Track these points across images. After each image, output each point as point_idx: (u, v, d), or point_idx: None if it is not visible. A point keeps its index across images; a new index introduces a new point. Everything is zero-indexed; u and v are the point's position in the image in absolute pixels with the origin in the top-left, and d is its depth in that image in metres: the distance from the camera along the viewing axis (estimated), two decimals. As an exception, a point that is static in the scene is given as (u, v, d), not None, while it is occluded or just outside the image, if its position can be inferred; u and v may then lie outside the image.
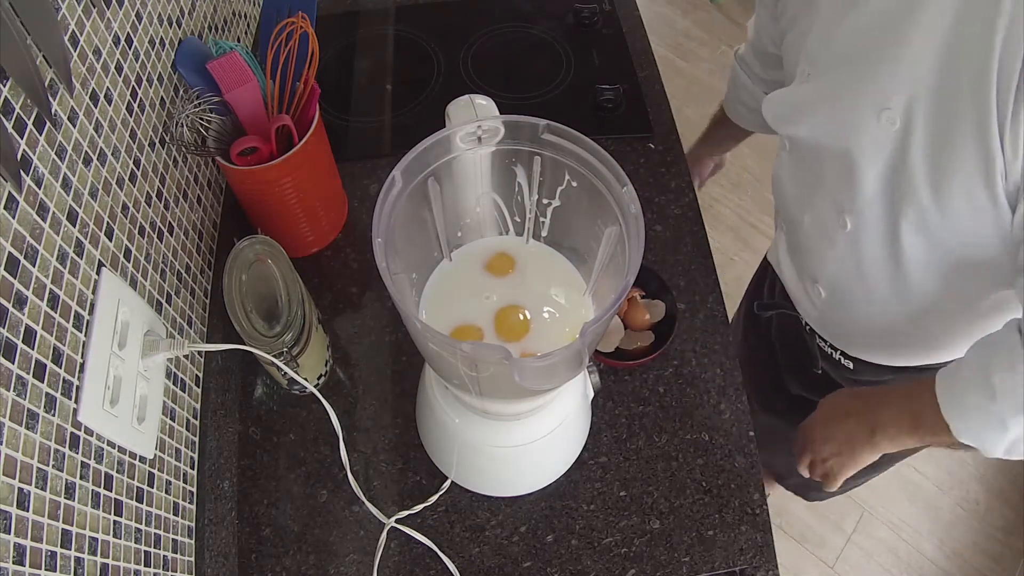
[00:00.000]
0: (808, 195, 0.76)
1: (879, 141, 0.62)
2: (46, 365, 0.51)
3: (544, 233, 0.63)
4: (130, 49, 0.69)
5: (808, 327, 0.91)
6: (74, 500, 0.53)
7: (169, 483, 0.69)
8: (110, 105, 0.64)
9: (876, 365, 0.85)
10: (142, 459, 0.64)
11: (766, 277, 1.04)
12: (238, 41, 1.02)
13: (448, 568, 0.71)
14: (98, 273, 0.60)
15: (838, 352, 0.88)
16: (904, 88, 0.59)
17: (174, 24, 0.79)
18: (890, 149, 0.62)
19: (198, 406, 0.79)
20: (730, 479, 0.76)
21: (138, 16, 0.70)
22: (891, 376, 0.85)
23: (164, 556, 0.66)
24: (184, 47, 0.79)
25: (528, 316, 0.60)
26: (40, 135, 0.53)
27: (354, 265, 0.90)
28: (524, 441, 0.68)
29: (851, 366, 0.88)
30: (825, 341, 0.90)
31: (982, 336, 0.63)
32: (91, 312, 0.58)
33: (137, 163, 0.69)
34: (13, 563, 0.45)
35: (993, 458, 0.61)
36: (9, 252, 0.48)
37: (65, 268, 0.55)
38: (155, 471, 0.66)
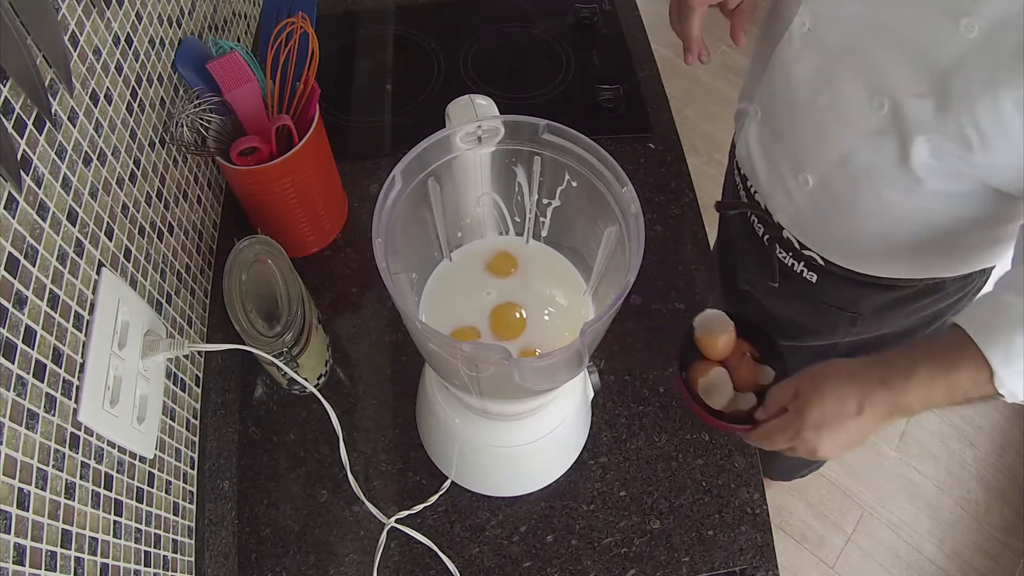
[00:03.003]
0: (831, 73, 0.70)
1: (950, 44, 0.58)
2: (46, 365, 0.51)
3: (544, 233, 0.63)
4: (130, 49, 0.69)
5: (766, 237, 0.87)
6: (74, 500, 0.53)
7: (169, 483, 0.69)
8: (110, 105, 0.64)
9: (844, 278, 0.81)
10: (142, 459, 0.64)
11: (729, 187, 0.98)
12: (238, 41, 1.02)
13: (448, 568, 0.71)
14: (98, 273, 0.60)
15: (801, 263, 0.85)
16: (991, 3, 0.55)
17: (174, 24, 0.79)
18: (956, 54, 0.58)
19: (198, 406, 0.79)
20: (730, 479, 0.76)
21: (138, 16, 0.70)
22: (853, 293, 0.82)
23: (164, 556, 0.66)
24: (184, 47, 0.79)
25: (524, 314, 0.60)
26: (40, 135, 0.53)
27: (354, 265, 0.90)
28: (524, 441, 0.68)
29: (814, 279, 0.84)
30: (788, 252, 0.86)
31: (993, 251, 0.64)
32: (91, 312, 0.58)
33: (137, 163, 0.69)
34: (13, 563, 0.45)
35: (994, 455, 0.61)
36: (9, 252, 0.48)
37: (65, 268, 0.55)
38: (155, 471, 0.66)
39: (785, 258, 0.87)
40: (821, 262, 0.82)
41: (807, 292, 0.87)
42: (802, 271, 0.85)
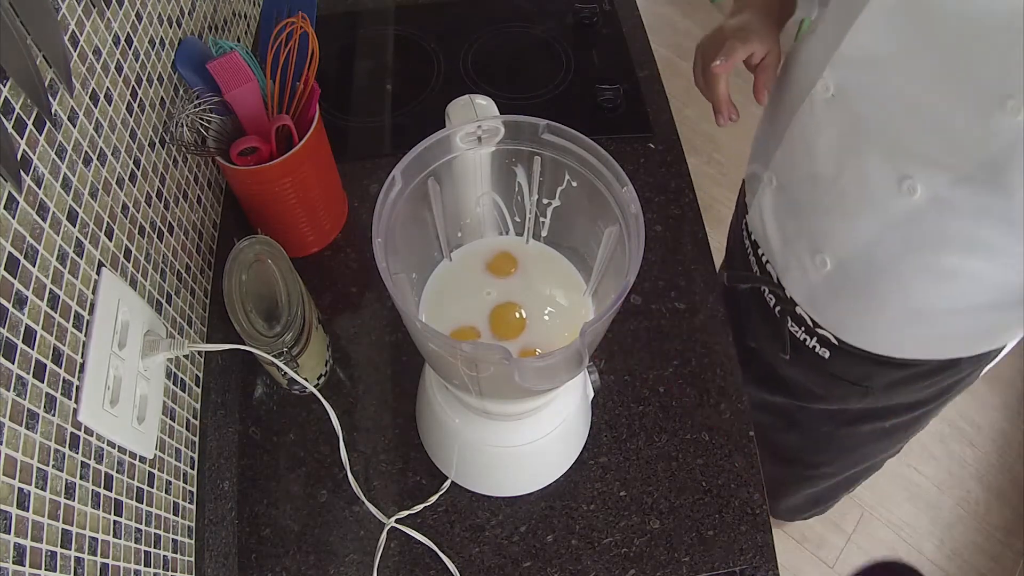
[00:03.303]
0: (856, 149, 0.64)
1: (994, 128, 0.52)
2: (46, 365, 0.51)
3: (544, 233, 0.63)
4: (130, 49, 0.69)
5: (778, 309, 0.83)
6: (74, 500, 0.53)
7: (169, 483, 0.69)
8: (110, 105, 0.64)
9: (858, 355, 0.78)
10: (142, 459, 0.64)
11: (737, 248, 0.94)
12: (238, 41, 1.02)
13: (448, 568, 0.71)
14: (98, 273, 0.60)
15: (814, 339, 0.81)
16: None
17: (174, 24, 0.79)
18: (1003, 138, 0.52)
19: (198, 406, 0.79)
20: (730, 479, 0.76)
21: (138, 16, 0.70)
22: (866, 370, 0.78)
23: (164, 556, 0.66)
24: (184, 47, 0.79)
25: (524, 314, 0.60)
26: (40, 135, 0.53)
27: (354, 265, 0.90)
28: (524, 441, 0.68)
29: (827, 355, 0.80)
30: (800, 327, 0.81)
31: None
32: (91, 312, 0.58)
33: (137, 163, 0.69)
34: (13, 563, 0.45)
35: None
36: (9, 252, 0.48)
37: (65, 268, 0.55)
38: (155, 471, 0.66)
39: (797, 332, 0.83)
40: (835, 341, 0.79)
41: (818, 365, 0.83)
42: (814, 347, 0.82)
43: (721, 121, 0.76)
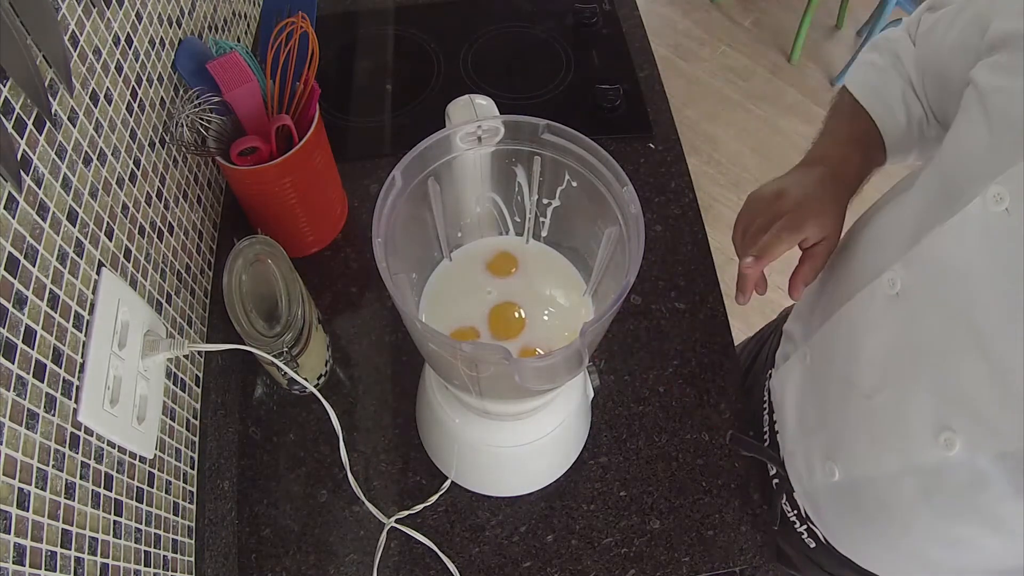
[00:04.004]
0: (902, 371, 0.55)
1: None
2: (46, 365, 0.51)
3: (544, 233, 0.63)
4: (130, 49, 0.69)
5: (775, 481, 0.75)
6: (74, 500, 0.53)
7: (169, 483, 0.69)
8: (110, 105, 0.64)
9: (845, 560, 0.69)
10: (142, 459, 0.64)
11: (754, 397, 0.82)
12: (238, 41, 1.02)
13: (448, 568, 0.71)
14: (98, 273, 0.60)
15: (803, 527, 0.73)
16: None
17: (174, 24, 0.79)
18: None
19: (198, 406, 0.79)
20: (730, 479, 0.76)
21: (138, 16, 0.70)
22: (852, 573, 0.70)
23: (164, 556, 0.66)
24: (184, 47, 0.79)
25: (523, 314, 0.60)
26: (40, 135, 0.53)
27: (354, 265, 0.90)
28: (524, 441, 0.68)
29: (813, 545, 0.73)
30: (792, 509, 0.74)
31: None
32: (91, 312, 0.58)
33: (137, 163, 0.69)
34: (13, 563, 0.45)
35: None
36: (9, 252, 0.48)
37: (65, 268, 0.55)
38: (155, 471, 0.66)
39: (788, 512, 0.75)
40: (824, 540, 0.71)
41: (803, 550, 0.76)
42: (803, 534, 0.74)
43: (741, 300, 0.67)
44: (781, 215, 0.63)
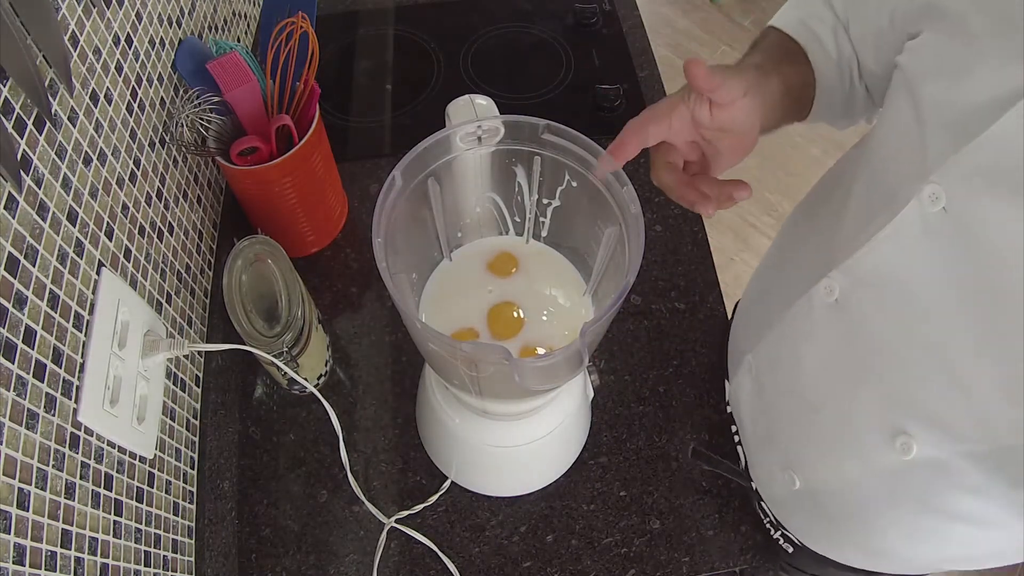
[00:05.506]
0: (849, 379, 0.53)
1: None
2: (46, 365, 0.51)
3: (544, 233, 0.63)
4: (130, 49, 0.69)
5: (755, 487, 0.72)
6: (74, 500, 0.53)
7: (169, 483, 0.69)
8: (110, 105, 0.64)
9: (822, 558, 0.68)
10: (142, 459, 0.64)
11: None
12: (238, 41, 1.02)
13: (448, 568, 0.71)
14: (98, 273, 0.60)
15: (778, 533, 0.71)
16: None
17: (174, 24, 0.79)
18: None
19: (198, 406, 0.79)
20: (730, 479, 0.76)
21: (138, 16, 0.70)
22: (833, 573, 0.69)
23: (164, 556, 0.66)
24: (184, 47, 0.79)
25: (521, 314, 0.60)
26: (40, 135, 0.53)
27: (354, 265, 0.90)
28: (524, 441, 0.68)
29: (790, 550, 0.71)
30: (765, 517, 0.72)
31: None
32: (91, 312, 0.58)
33: (137, 163, 0.69)
34: (13, 563, 0.45)
35: None
36: (9, 252, 0.48)
37: (65, 268, 0.55)
38: (155, 471, 0.66)
39: (763, 519, 0.73)
40: (798, 543, 0.69)
41: (782, 556, 0.74)
42: (778, 539, 0.72)
43: (710, 210, 0.53)
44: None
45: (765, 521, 0.72)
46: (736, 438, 0.78)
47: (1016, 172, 0.39)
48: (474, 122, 0.55)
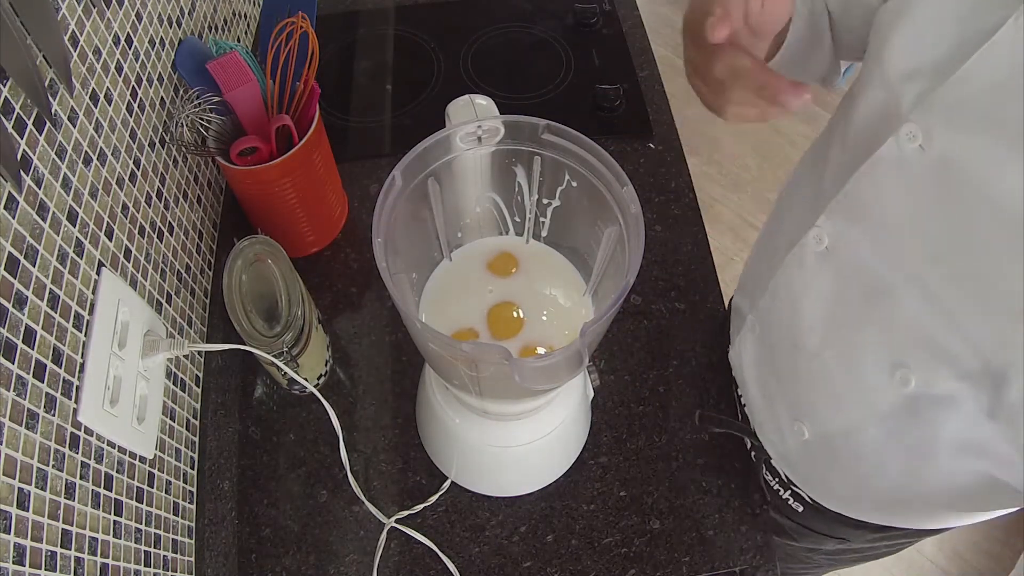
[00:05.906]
0: (845, 322, 0.56)
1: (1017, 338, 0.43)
2: (46, 365, 0.51)
3: (544, 233, 0.63)
4: (130, 49, 0.69)
5: (753, 454, 0.76)
6: (74, 500, 0.53)
7: (169, 483, 0.69)
8: (110, 105, 0.64)
9: (834, 515, 0.70)
10: (142, 459, 0.64)
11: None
12: (238, 41, 1.02)
13: (448, 568, 0.71)
14: (98, 273, 0.60)
15: (788, 492, 0.73)
16: None
17: (174, 24, 0.79)
18: None
19: (198, 406, 0.79)
20: (730, 479, 0.76)
21: (138, 16, 0.70)
22: (842, 530, 0.72)
23: (164, 556, 0.66)
24: (184, 47, 0.79)
25: (521, 314, 0.60)
26: (40, 135, 0.53)
27: (354, 265, 0.90)
28: (524, 441, 0.68)
29: (800, 509, 0.73)
30: (775, 478, 0.74)
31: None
32: (91, 312, 0.58)
33: (137, 163, 0.69)
34: (13, 563, 0.45)
35: None
36: (9, 252, 0.48)
37: (65, 268, 0.55)
38: (155, 471, 0.66)
39: (772, 482, 0.76)
40: (809, 500, 0.72)
41: (793, 516, 0.77)
42: (788, 499, 0.75)
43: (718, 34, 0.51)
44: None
45: (774, 482, 0.74)
46: (737, 404, 0.79)
47: (988, 107, 0.41)
48: (474, 122, 0.55)
